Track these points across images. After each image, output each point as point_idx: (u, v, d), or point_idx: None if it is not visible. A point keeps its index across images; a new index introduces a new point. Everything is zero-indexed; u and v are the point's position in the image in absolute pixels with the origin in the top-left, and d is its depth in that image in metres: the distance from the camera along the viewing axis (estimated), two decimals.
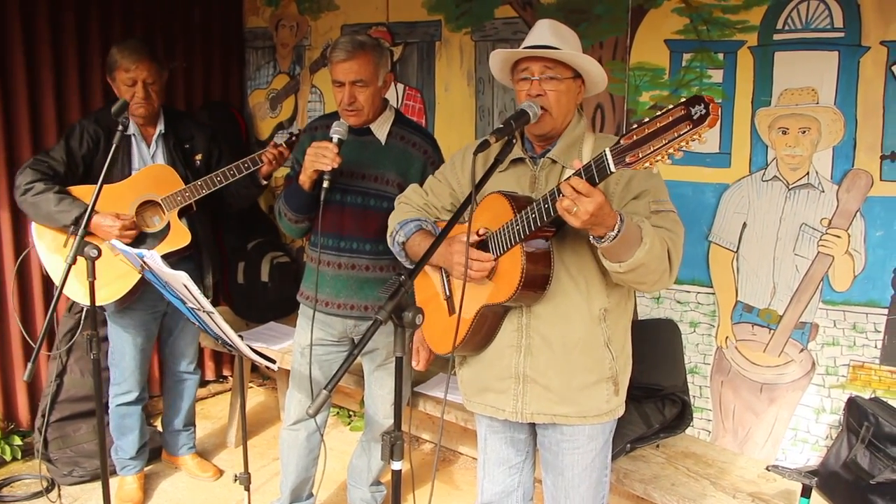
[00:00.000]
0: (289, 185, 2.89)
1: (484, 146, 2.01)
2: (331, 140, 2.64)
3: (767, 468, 2.69)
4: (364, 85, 2.73)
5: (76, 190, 3.13)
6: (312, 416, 1.86)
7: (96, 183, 3.03)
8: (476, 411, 2.40)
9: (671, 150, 1.63)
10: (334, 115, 2.85)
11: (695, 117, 1.59)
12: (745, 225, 3.02)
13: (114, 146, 2.65)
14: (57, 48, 3.85)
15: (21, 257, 3.38)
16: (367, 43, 2.75)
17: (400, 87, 4.02)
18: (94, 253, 2.52)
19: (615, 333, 2.22)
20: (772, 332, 3.01)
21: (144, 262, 2.28)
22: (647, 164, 1.67)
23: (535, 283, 2.09)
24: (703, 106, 1.58)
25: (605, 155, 1.75)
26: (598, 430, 2.28)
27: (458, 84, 3.81)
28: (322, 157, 2.61)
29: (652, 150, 1.65)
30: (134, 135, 3.28)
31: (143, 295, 3.27)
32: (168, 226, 3.24)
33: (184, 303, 2.38)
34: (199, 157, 3.40)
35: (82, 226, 2.55)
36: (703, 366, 3.19)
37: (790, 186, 2.89)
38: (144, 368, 3.53)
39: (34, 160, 3.17)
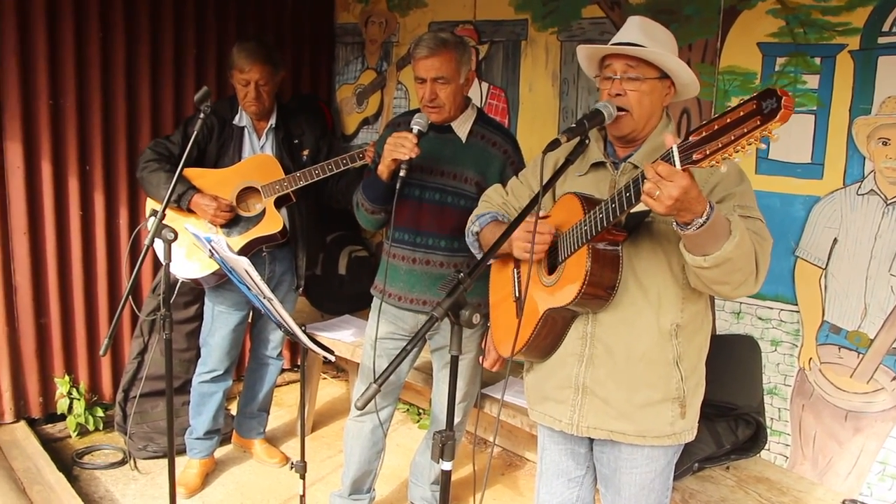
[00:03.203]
0: (368, 177, 2.91)
1: (554, 145, 1.95)
2: (411, 131, 2.65)
3: (844, 502, 2.53)
4: (445, 82, 2.73)
5: (187, 171, 3.29)
6: (360, 409, 1.85)
7: (208, 166, 3.35)
8: (535, 420, 2.34)
9: (739, 148, 1.53)
10: (417, 112, 2.85)
11: (765, 112, 1.47)
12: (835, 240, 2.85)
13: (195, 132, 2.80)
14: (179, 44, 4.16)
15: (134, 233, 3.61)
16: (450, 40, 2.75)
17: (484, 85, 4.00)
18: (170, 236, 2.60)
19: (687, 351, 2.10)
20: (861, 356, 2.83)
21: (212, 247, 2.33)
22: (713, 162, 1.57)
23: (600, 287, 2.00)
24: (774, 100, 1.46)
25: (672, 152, 1.66)
26: (661, 451, 2.16)
27: (543, 84, 3.75)
28: (401, 147, 2.62)
29: (720, 146, 1.55)
30: (247, 127, 3.45)
31: None
32: (264, 212, 3.37)
33: (249, 289, 2.43)
34: (306, 152, 3.52)
35: (161, 209, 2.63)
36: (783, 387, 3.03)
37: (889, 201, 2.71)
38: (234, 350, 3.62)
39: (155, 142, 3.45)
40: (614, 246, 2.00)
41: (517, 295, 2.28)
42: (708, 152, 1.58)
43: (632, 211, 1.85)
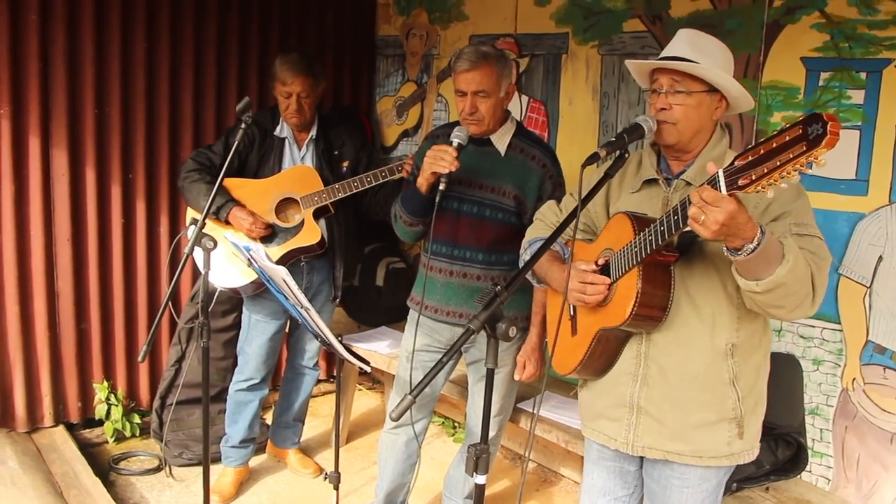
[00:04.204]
0: (406, 189, 2.92)
1: (593, 159, 1.94)
2: (450, 144, 2.65)
3: None
4: (486, 95, 2.73)
5: (227, 181, 3.33)
6: (395, 420, 1.85)
7: (249, 176, 3.39)
8: (589, 437, 2.31)
9: (785, 173, 1.50)
10: (456, 125, 2.85)
11: (811, 137, 1.44)
12: (881, 258, 2.78)
13: (236, 142, 2.86)
14: (221, 54, 4.22)
15: (175, 241, 3.68)
16: (491, 54, 2.74)
17: (524, 98, 3.99)
18: (210, 245, 2.64)
19: (744, 371, 2.06)
20: None
21: (251, 256, 2.35)
22: (759, 188, 1.55)
23: (652, 308, 1.98)
24: (820, 125, 1.43)
25: (718, 176, 1.63)
26: (713, 471, 2.13)
27: (583, 98, 3.73)
28: (440, 160, 2.62)
29: (766, 171, 1.52)
30: (287, 138, 3.48)
31: None
32: (302, 223, 3.40)
33: (287, 298, 2.44)
34: (346, 163, 3.54)
35: (200, 219, 2.66)
36: (825, 408, 2.96)
37: None
38: (270, 359, 3.65)
39: (197, 152, 3.48)
40: (666, 266, 1.98)
41: (572, 313, 2.27)
42: (754, 178, 1.55)
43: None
